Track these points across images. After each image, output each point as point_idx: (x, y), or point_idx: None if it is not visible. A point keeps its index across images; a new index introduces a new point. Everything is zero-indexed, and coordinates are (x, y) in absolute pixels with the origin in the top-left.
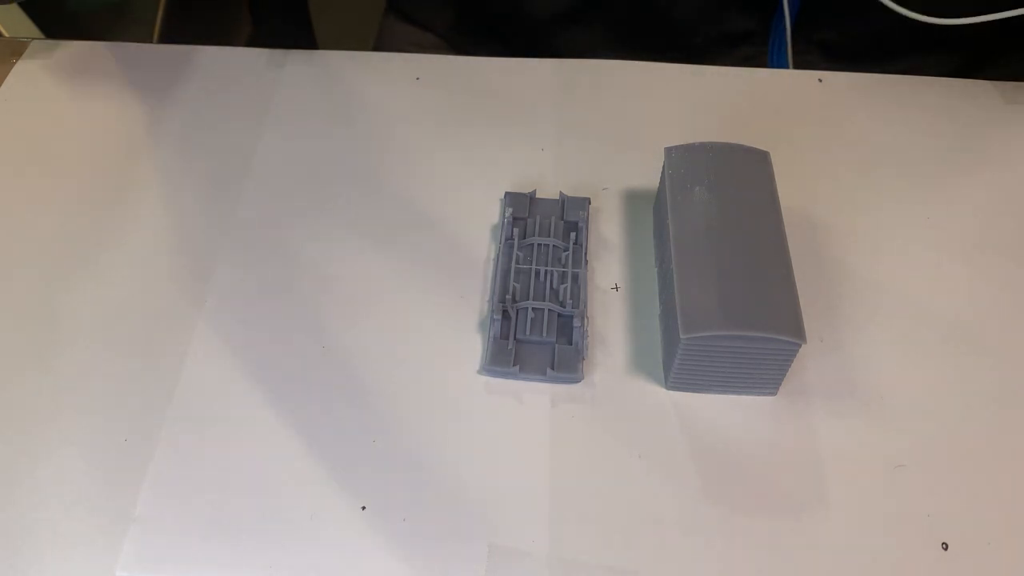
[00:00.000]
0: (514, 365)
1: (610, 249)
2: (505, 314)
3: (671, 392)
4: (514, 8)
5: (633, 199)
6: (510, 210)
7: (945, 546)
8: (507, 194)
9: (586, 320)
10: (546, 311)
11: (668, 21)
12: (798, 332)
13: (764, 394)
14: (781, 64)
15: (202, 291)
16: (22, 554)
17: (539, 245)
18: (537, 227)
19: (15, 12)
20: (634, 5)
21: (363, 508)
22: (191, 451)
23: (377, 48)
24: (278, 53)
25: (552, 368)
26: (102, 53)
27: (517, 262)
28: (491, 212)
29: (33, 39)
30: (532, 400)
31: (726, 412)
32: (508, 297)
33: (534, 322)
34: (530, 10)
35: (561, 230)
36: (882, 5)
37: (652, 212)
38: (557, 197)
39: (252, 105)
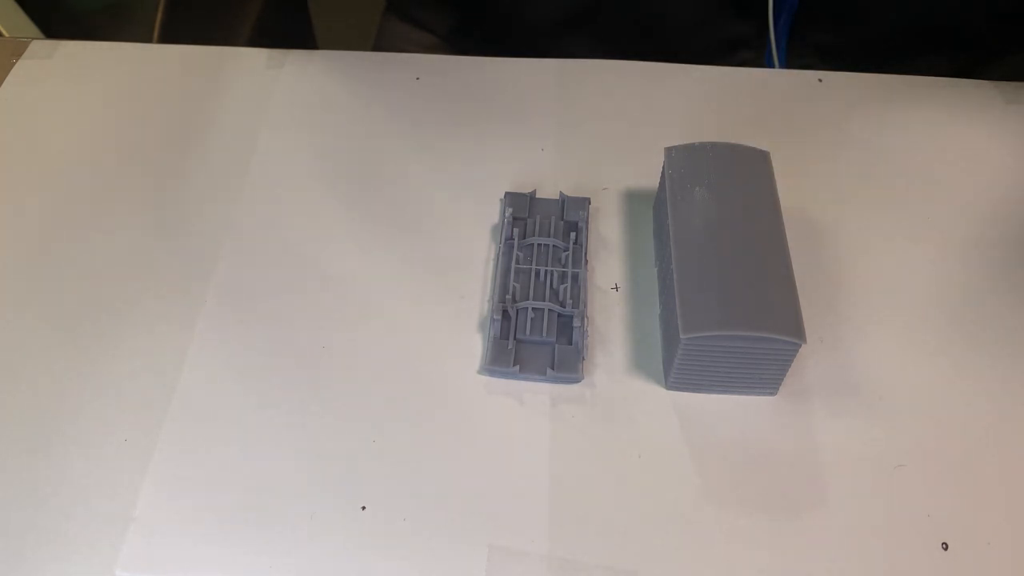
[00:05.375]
0: (514, 365)
1: (610, 249)
2: (505, 314)
3: (671, 392)
4: (513, 14)
5: (633, 199)
6: (510, 210)
7: (945, 546)
8: (507, 194)
9: (586, 320)
10: (546, 311)
11: (665, 28)
12: (798, 332)
13: (764, 394)
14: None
15: (202, 291)
16: (22, 554)
17: (539, 245)
18: (537, 227)
19: (15, 12)
20: (631, 12)
21: (363, 508)
22: (191, 451)
23: (377, 48)
24: (278, 53)
25: (552, 368)
26: (102, 53)
27: (517, 262)
28: (491, 212)
29: (33, 39)
30: (532, 400)
31: (726, 412)
32: (508, 297)
33: (534, 322)
34: (529, 16)
35: (561, 230)
36: (880, 7)
37: (652, 212)
38: (557, 197)
39: (252, 105)
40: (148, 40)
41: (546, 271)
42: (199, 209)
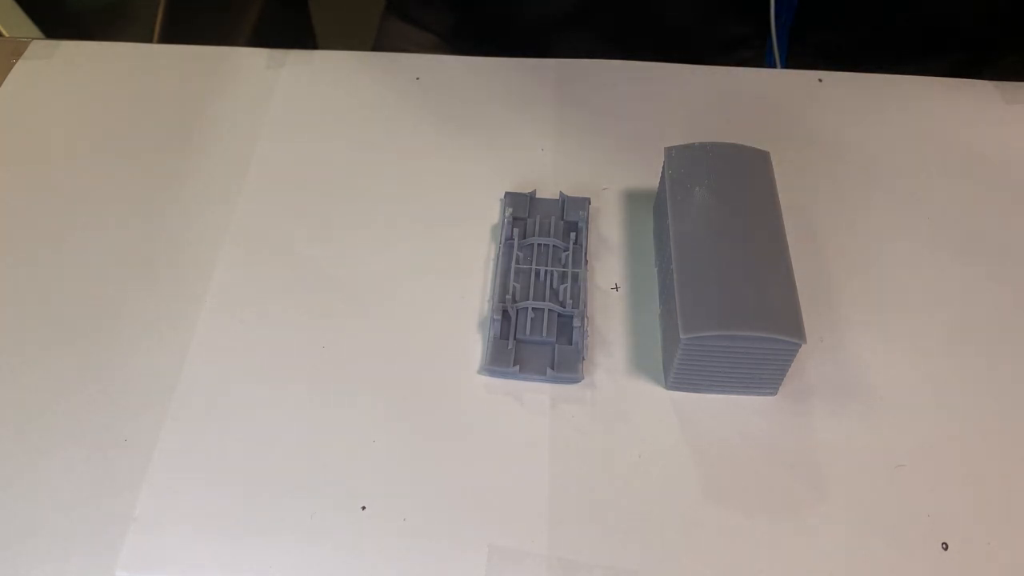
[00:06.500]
0: (514, 365)
1: (610, 249)
2: (505, 314)
3: (671, 392)
4: (513, 14)
5: (633, 199)
6: (510, 210)
7: (945, 546)
8: (507, 194)
9: (586, 320)
10: (546, 311)
11: (664, 27)
12: (798, 332)
13: (764, 394)
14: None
15: (202, 291)
16: (22, 554)
17: (539, 245)
18: (537, 227)
19: (15, 12)
20: (630, 11)
21: (363, 508)
22: (191, 451)
23: (377, 48)
24: (278, 53)
25: (552, 368)
26: (102, 53)
27: (517, 262)
28: (491, 212)
29: (33, 39)
30: (532, 400)
31: (726, 412)
32: (508, 297)
33: (534, 322)
34: (529, 16)
35: (561, 230)
36: (880, 7)
37: (652, 212)
38: (557, 197)
39: (252, 105)
40: (148, 40)
41: (546, 271)
42: (199, 209)
